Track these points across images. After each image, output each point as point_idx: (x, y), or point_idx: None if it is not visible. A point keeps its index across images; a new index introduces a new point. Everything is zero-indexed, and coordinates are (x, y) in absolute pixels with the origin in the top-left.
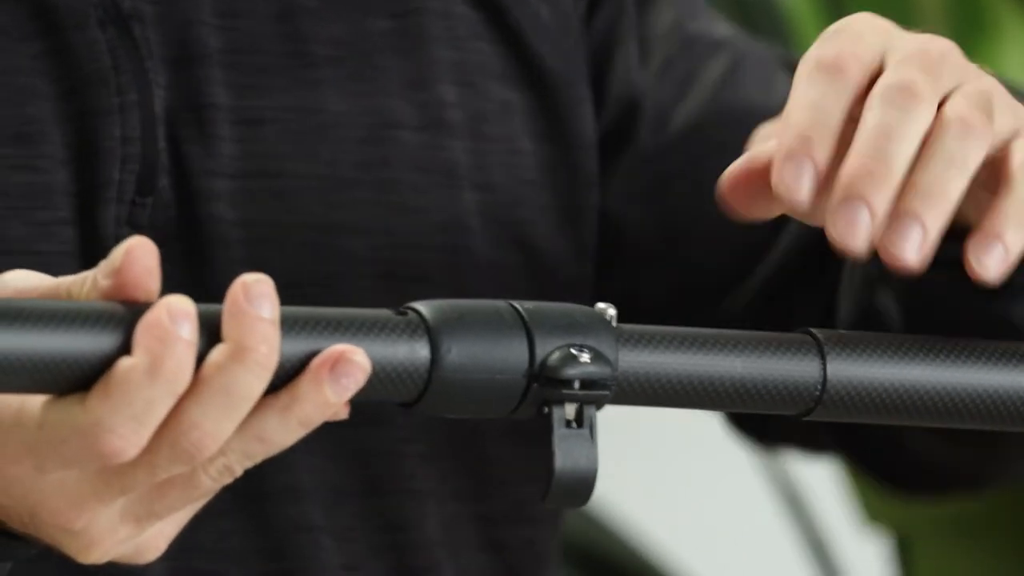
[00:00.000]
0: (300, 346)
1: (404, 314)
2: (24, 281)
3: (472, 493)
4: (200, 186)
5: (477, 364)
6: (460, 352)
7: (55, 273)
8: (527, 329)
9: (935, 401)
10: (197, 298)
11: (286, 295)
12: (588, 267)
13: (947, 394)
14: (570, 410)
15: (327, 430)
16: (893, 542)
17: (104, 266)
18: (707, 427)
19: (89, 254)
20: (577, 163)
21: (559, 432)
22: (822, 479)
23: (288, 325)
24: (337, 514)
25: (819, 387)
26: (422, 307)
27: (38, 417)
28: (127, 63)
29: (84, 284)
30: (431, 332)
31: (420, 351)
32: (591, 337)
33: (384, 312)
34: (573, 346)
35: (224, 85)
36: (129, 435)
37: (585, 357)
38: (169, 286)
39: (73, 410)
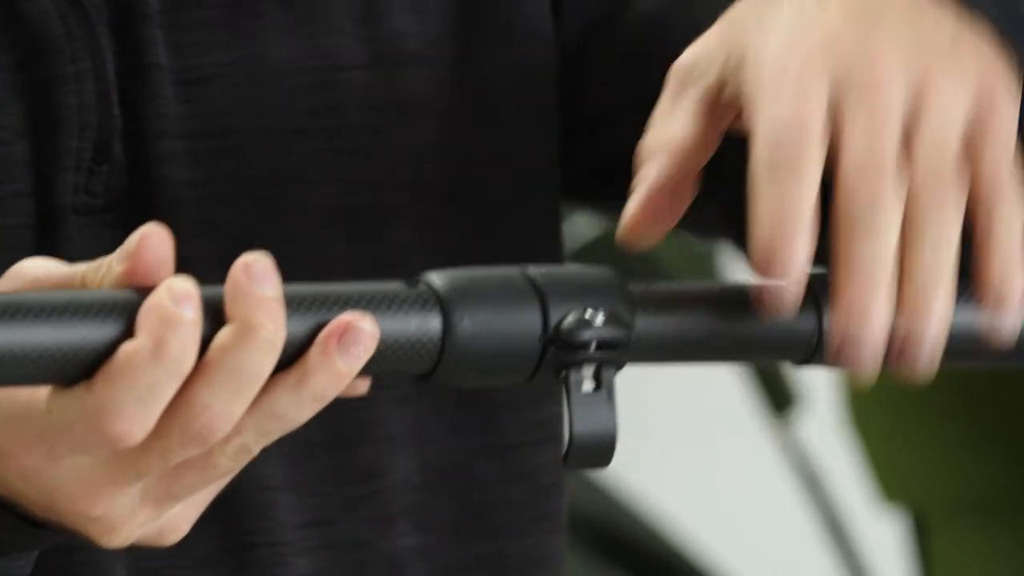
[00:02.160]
0: (309, 322)
1: (415, 285)
2: (42, 269)
3: (450, 433)
4: (152, 149)
5: (491, 332)
6: (473, 321)
7: (15, 248)
8: (540, 294)
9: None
10: None
11: (241, 253)
12: (555, 168)
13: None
14: (588, 373)
15: None
16: (910, 521)
17: (120, 251)
18: (724, 407)
19: (48, 225)
20: (532, 58)
21: (577, 396)
22: (840, 458)
23: (296, 303)
24: (303, 470)
25: (816, 335)
26: (434, 277)
27: (46, 404)
28: (78, 30)
29: (100, 270)
30: (443, 302)
31: (432, 322)
32: (605, 299)
33: (395, 284)
34: (588, 308)
35: (165, 45)
36: (136, 418)
37: (600, 319)
38: None
39: (79, 395)
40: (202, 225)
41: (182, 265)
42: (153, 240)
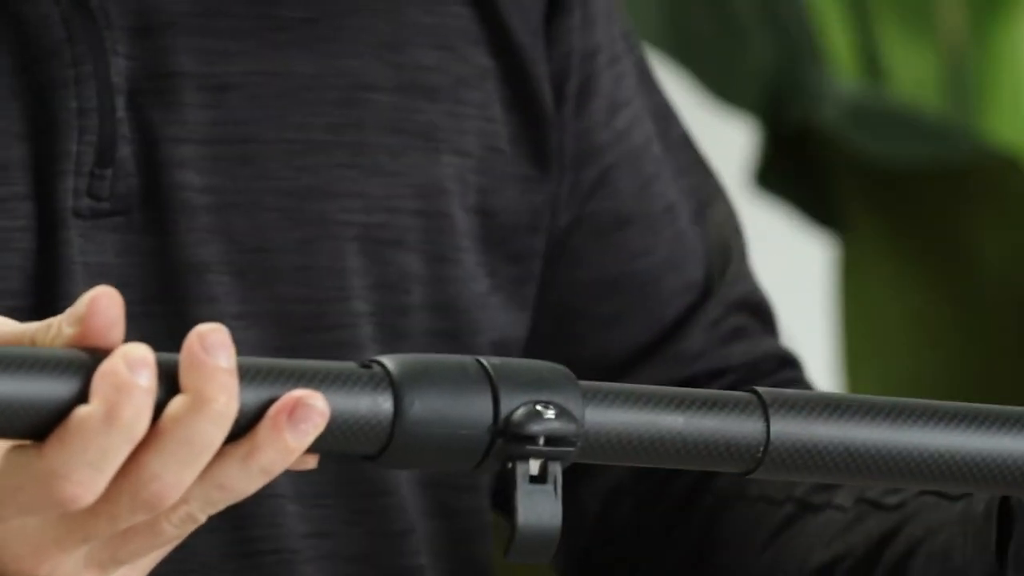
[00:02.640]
0: (261, 395)
1: (368, 367)
2: None
3: None
4: (165, 154)
5: (441, 418)
6: (424, 406)
7: (13, 249)
8: (492, 384)
9: (876, 462)
10: (161, 268)
11: (258, 261)
12: (540, 240)
13: (889, 454)
14: (535, 466)
15: None
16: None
17: (69, 314)
18: None
19: (46, 228)
20: (540, 138)
21: (523, 488)
22: None
23: (251, 375)
24: (307, 480)
25: (762, 447)
26: (387, 360)
27: None
28: (82, 34)
29: (49, 331)
30: (395, 385)
31: (383, 404)
32: (557, 393)
33: (348, 364)
34: (539, 402)
35: (190, 52)
36: (86, 482)
37: (550, 413)
38: (131, 256)
39: (30, 456)
40: (216, 232)
41: (190, 271)
42: (103, 303)
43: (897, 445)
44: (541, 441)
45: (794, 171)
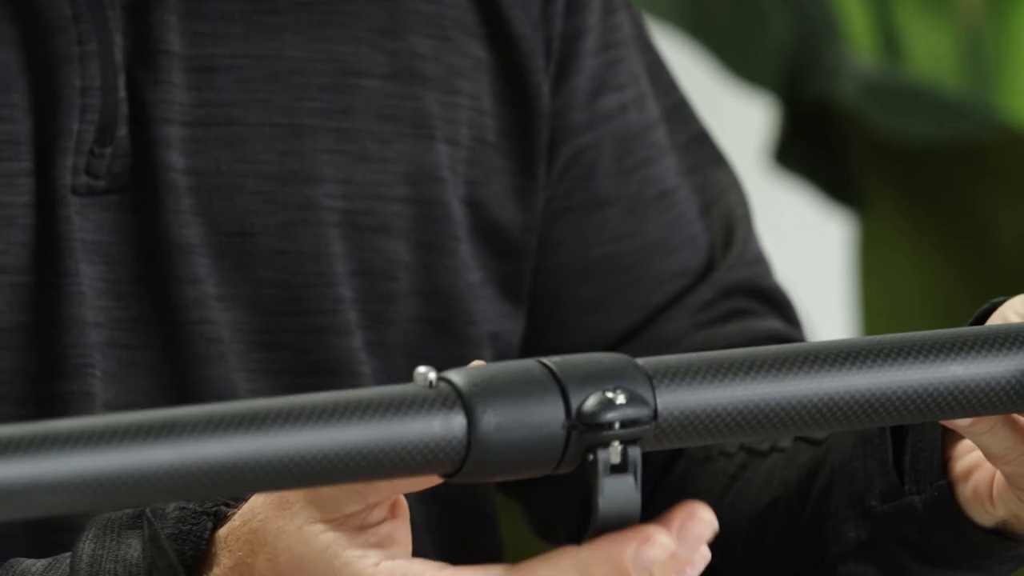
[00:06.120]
0: (338, 436)
1: (434, 387)
2: None
3: None
4: (154, 134)
5: (515, 424)
6: (496, 416)
7: (19, 225)
8: (558, 381)
9: (767, 416)
10: (149, 247)
11: (237, 244)
12: (532, 238)
13: (778, 405)
14: (615, 454)
15: (278, 378)
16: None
17: None
18: None
19: (47, 205)
20: (533, 132)
21: (604, 478)
22: None
23: (318, 413)
24: None
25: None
26: (453, 376)
27: None
28: (87, 12)
29: None
30: (464, 400)
31: (456, 421)
32: (624, 380)
33: (413, 388)
34: (607, 390)
35: (179, 32)
36: None
37: (621, 398)
38: (122, 234)
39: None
40: (198, 213)
41: (175, 251)
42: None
43: (783, 395)
44: (617, 426)
45: (812, 148)
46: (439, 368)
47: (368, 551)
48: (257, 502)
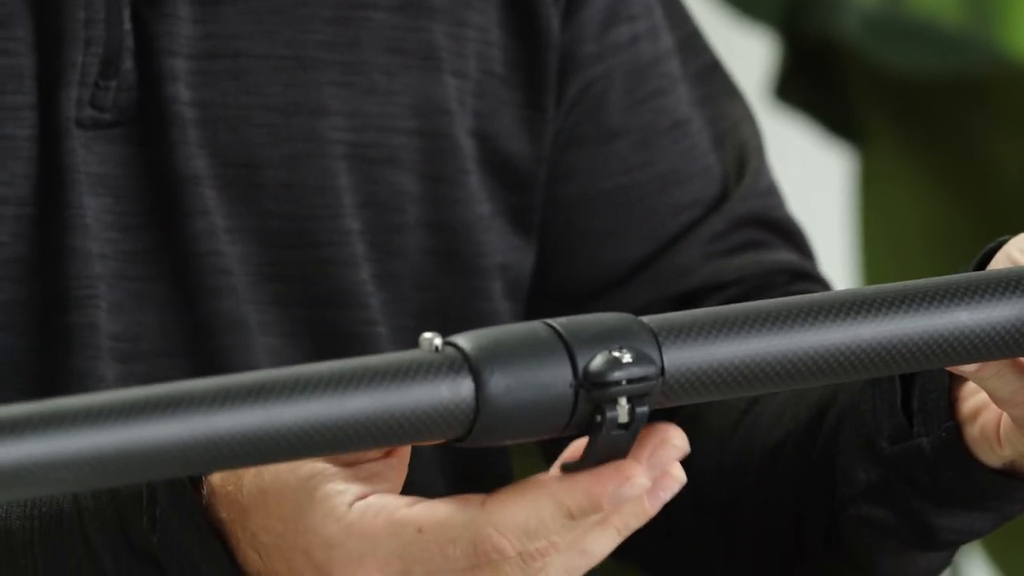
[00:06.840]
0: (346, 405)
1: (440, 351)
2: None
3: None
4: (161, 67)
5: (522, 386)
6: (504, 379)
7: (22, 157)
8: (564, 342)
9: (775, 369)
10: (157, 180)
11: (244, 176)
12: (541, 170)
13: (786, 359)
14: (623, 413)
15: (287, 310)
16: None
17: None
18: None
19: (50, 138)
20: (542, 64)
21: (612, 434)
22: None
23: (324, 383)
24: None
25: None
26: (459, 340)
27: (418, 523)
28: None
29: None
30: (471, 364)
31: (464, 385)
32: (629, 339)
33: (419, 353)
34: (613, 348)
35: None
36: (516, 542)
37: (628, 357)
38: (128, 167)
39: (471, 514)
40: (204, 146)
41: (183, 183)
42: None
43: (790, 348)
44: (624, 384)
45: (813, 83)
46: (447, 303)
47: (351, 485)
48: None
